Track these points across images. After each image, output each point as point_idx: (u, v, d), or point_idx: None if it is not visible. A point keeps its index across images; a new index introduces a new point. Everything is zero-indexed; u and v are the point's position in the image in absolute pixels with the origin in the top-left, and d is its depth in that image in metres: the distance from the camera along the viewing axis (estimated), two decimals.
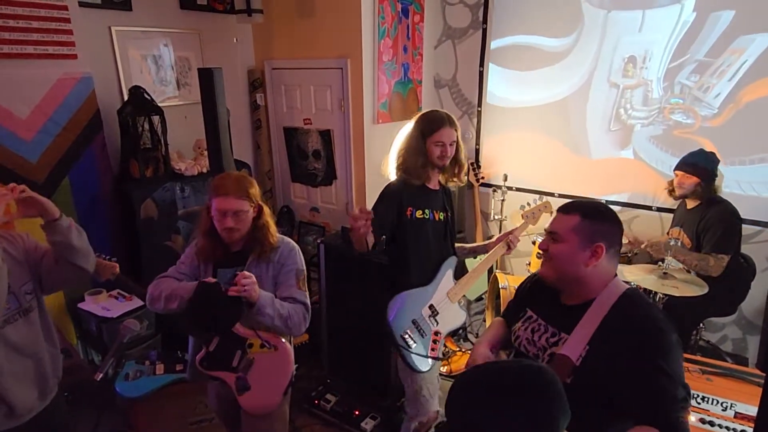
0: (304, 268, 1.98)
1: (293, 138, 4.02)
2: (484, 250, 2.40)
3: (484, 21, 3.85)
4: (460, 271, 2.37)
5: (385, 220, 2.15)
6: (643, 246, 3.14)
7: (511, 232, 2.33)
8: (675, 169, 2.90)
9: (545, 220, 2.22)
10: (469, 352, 3.39)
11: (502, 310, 3.18)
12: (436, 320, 2.17)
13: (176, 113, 3.41)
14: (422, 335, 2.14)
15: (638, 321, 1.33)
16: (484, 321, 3.66)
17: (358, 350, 3.09)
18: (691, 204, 2.91)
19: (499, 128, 4.05)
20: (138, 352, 2.75)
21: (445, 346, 2.89)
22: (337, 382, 3.15)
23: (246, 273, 1.78)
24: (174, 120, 3.29)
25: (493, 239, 2.38)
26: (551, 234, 1.45)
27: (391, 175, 2.31)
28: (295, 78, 3.85)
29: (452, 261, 2.29)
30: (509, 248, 2.31)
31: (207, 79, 2.62)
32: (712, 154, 2.86)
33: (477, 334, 3.63)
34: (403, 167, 2.23)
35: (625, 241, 3.32)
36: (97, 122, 2.90)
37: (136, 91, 3.03)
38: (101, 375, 1.69)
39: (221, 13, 3.66)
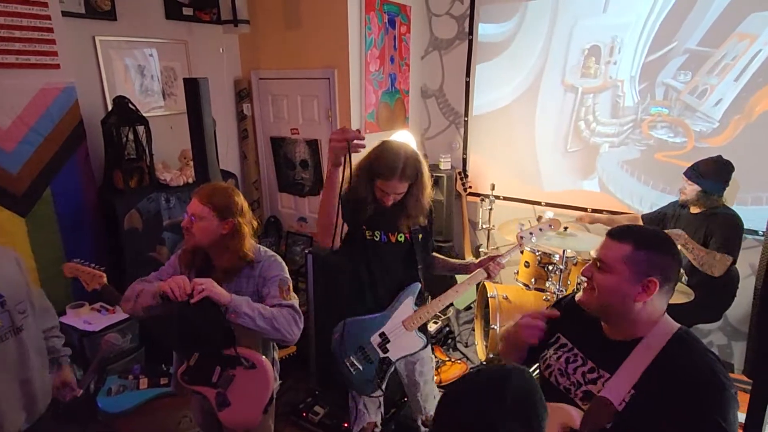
0: (288, 277, 1.92)
1: (280, 148, 4.01)
2: (465, 270, 2.22)
3: (470, 32, 3.88)
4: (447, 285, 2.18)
5: (349, 242, 2.04)
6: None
7: (494, 258, 2.14)
8: (683, 173, 2.86)
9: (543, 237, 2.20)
10: (459, 362, 3.39)
11: (491, 319, 3.19)
12: (386, 347, 2.09)
13: (162, 123, 3.38)
14: (369, 361, 2.09)
15: (695, 370, 1.18)
16: (473, 330, 3.65)
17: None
18: (695, 209, 2.87)
19: (484, 137, 4.08)
20: (121, 366, 2.69)
21: (434, 356, 2.87)
22: (326, 394, 3.11)
23: (198, 279, 1.72)
24: (159, 130, 3.26)
25: (475, 261, 2.20)
26: (597, 262, 1.29)
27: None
28: (282, 88, 3.84)
29: (413, 288, 2.10)
30: (489, 276, 2.12)
31: (193, 89, 2.60)
32: (728, 164, 2.75)
33: (466, 343, 3.61)
34: (351, 193, 2.00)
35: None
36: (80, 132, 2.86)
37: (121, 101, 3.00)
38: (81, 390, 1.65)
39: (207, 23, 3.65)
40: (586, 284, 1.32)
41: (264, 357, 1.88)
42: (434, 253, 2.31)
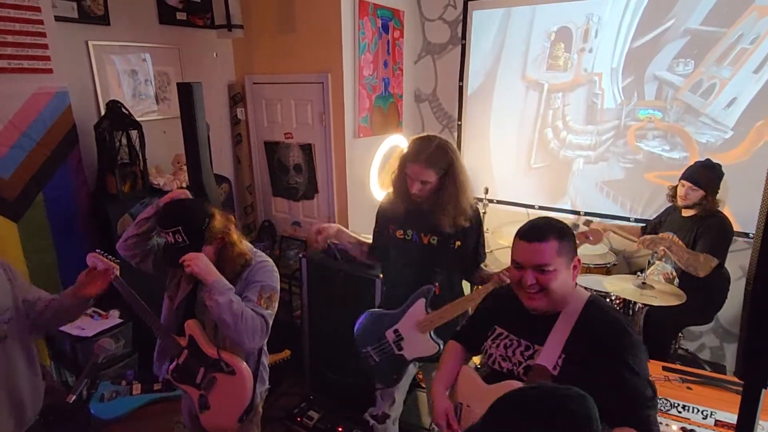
0: (275, 285, 1.88)
1: (274, 152, 4.01)
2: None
3: (463, 37, 3.91)
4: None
5: (378, 241, 2.19)
6: (638, 241, 2.99)
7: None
8: (682, 179, 2.84)
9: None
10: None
11: None
12: (401, 345, 2.11)
13: (155, 128, 3.37)
14: (386, 355, 2.13)
15: (606, 324, 1.40)
16: None
17: (341, 366, 3.05)
18: (687, 212, 2.89)
19: (478, 140, 4.10)
20: (114, 371, 2.67)
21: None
22: (320, 399, 3.11)
23: (189, 255, 1.73)
24: (153, 135, 3.25)
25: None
26: (538, 268, 1.38)
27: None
28: (275, 92, 3.85)
29: (425, 290, 2.09)
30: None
31: (186, 93, 2.60)
32: (719, 166, 2.78)
33: None
34: (392, 188, 2.12)
35: (607, 249, 3.36)
36: (73, 137, 2.85)
37: (114, 106, 2.99)
38: (73, 397, 1.63)
39: (201, 28, 3.65)
40: (532, 293, 1.42)
41: (245, 364, 1.85)
42: (482, 266, 2.25)
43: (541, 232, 1.40)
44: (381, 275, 2.48)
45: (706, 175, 2.77)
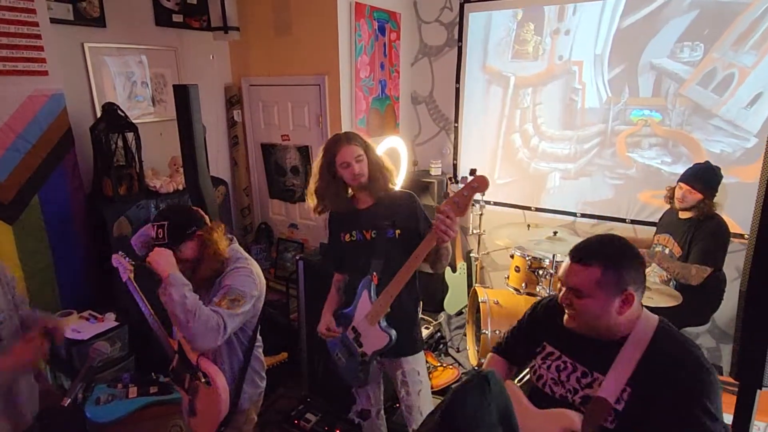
0: (244, 289, 1.79)
1: (271, 154, 4.00)
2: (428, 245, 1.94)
3: (459, 39, 3.91)
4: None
5: (334, 253, 2.24)
6: None
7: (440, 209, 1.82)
8: (680, 181, 2.81)
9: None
10: (451, 367, 3.38)
11: (482, 324, 3.20)
12: (360, 342, 2.13)
13: (151, 130, 3.37)
14: (350, 354, 2.15)
15: (682, 359, 1.24)
16: (465, 335, 3.65)
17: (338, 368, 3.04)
18: (684, 214, 2.87)
19: (474, 142, 4.10)
20: (110, 374, 2.66)
21: (426, 361, 2.85)
22: (318, 401, 3.10)
23: (157, 249, 1.74)
24: (149, 137, 3.25)
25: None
26: (573, 290, 1.29)
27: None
28: (272, 95, 3.84)
29: (365, 281, 2.08)
30: (439, 236, 1.79)
31: (183, 95, 2.60)
32: (718, 169, 2.75)
33: (458, 348, 3.62)
34: (322, 203, 2.13)
35: None
36: (69, 139, 2.84)
37: (110, 108, 2.99)
38: (68, 400, 1.62)
39: (197, 30, 3.65)
40: (567, 310, 1.34)
41: (222, 378, 1.81)
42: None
43: (587, 254, 1.28)
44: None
45: (704, 179, 2.74)
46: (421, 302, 2.31)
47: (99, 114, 3.06)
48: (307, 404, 3.06)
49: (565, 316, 1.35)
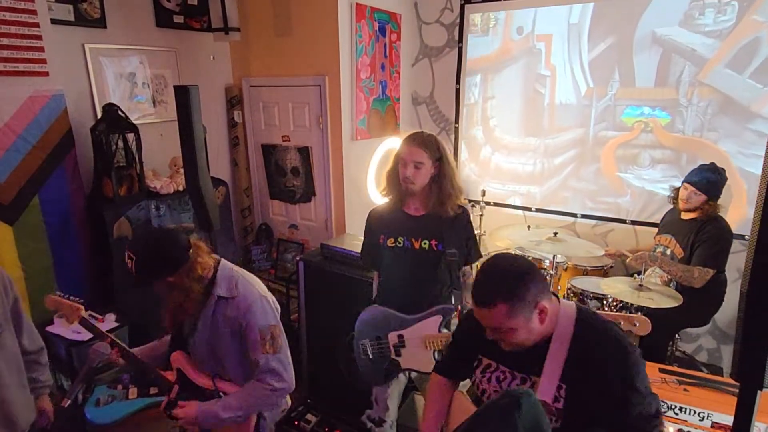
0: (271, 321, 1.75)
1: (271, 155, 4.00)
2: None
3: (460, 40, 3.91)
4: None
5: (370, 251, 2.21)
6: (628, 260, 2.97)
7: None
8: (685, 182, 2.79)
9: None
10: None
11: None
12: (399, 352, 2.09)
13: (152, 131, 3.37)
14: (381, 355, 2.11)
15: (603, 345, 1.31)
16: None
17: (339, 368, 3.04)
18: (687, 215, 2.86)
19: (474, 142, 4.10)
20: (110, 375, 2.66)
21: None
22: (318, 402, 3.09)
23: (178, 412, 1.74)
24: (149, 138, 3.25)
25: None
26: (495, 329, 1.31)
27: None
28: (273, 95, 3.85)
29: (446, 310, 2.06)
30: None
31: (183, 96, 2.60)
32: (723, 170, 2.74)
33: None
34: (387, 188, 2.15)
35: (601, 252, 3.36)
36: (69, 140, 2.84)
37: (110, 109, 2.99)
38: (69, 401, 1.63)
39: (198, 30, 3.65)
40: (500, 341, 1.35)
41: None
42: (465, 267, 2.24)
43: (488, 296, 1.29)
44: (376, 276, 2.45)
45: (710, 180, 2.73)
46: None
47: (99, 115, 3.06)
48: (306, 405, 3.06)
49: (500, 342, 1.37)
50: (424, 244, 2.09)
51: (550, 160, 2.37)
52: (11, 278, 1.79)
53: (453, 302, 2.09)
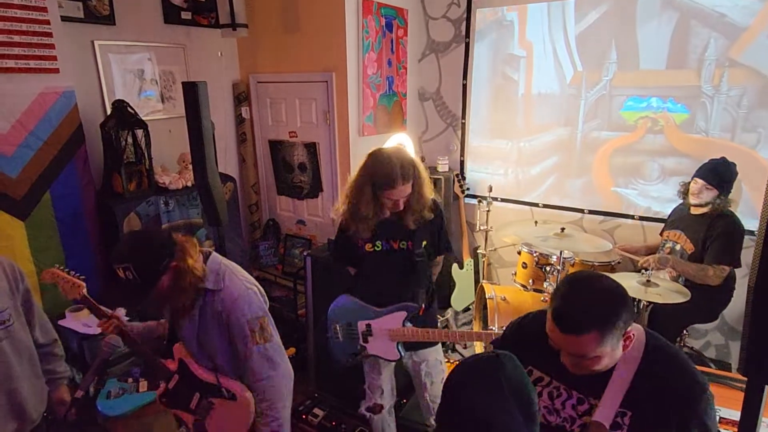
0: (258, 313, 1.72)
1: (279, 151, 4.02)
2: None
3: (467, 35, 3.90)
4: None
5: (345, 252, 2.28)
6: (641, 262, 2.86)
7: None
8: (696, 176, 2.75)
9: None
10: (457, 362, 3.38)
11: (489, 321, 3.20)
12: (367, 339, 2.21)
13: (160, 127, 3.40)
14: (351, 338, 2.23)
15: (674, 375, 1.22)
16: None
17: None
18: (697, 210, 2.82)
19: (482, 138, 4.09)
20: (121, 369, 2.69)
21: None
22: (325, 396, 3.12)
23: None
24: (158, 134, 3.27)
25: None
26: (577, 356, 1.20)
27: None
28: (280, 91, 3.86)
29: (411, 308, 2.14)
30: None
31: (191, 92, 2.61)
32: (734, 165, 2.67)
33: (465, 345, 3.62)
34: (351, 216, 2.11)
35: (609, 247, 3.35)
36: (80, 136, 2.87)
37: (120, 105, 3.02)
38: (82, 393, 1.65)
39: (206, 27, 3.66)
40: (577, 369, 1.25)
41: (245, 390, 1.79)
42: (438, 258, 2.37)
43: (578, 325, 1.16)
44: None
45: (721, 175, 2.70)
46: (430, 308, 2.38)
47: (109, 111, 3.09)
48: (314, 399, 3.08)
49: (572, 368, 1.26)
50: (402, 244, 2.17)
51: (525, 170, 1.89)
52: (23, 271, 1.81)
53: (418, 301, 2.17)
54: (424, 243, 2.18)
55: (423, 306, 2.19)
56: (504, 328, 1.62)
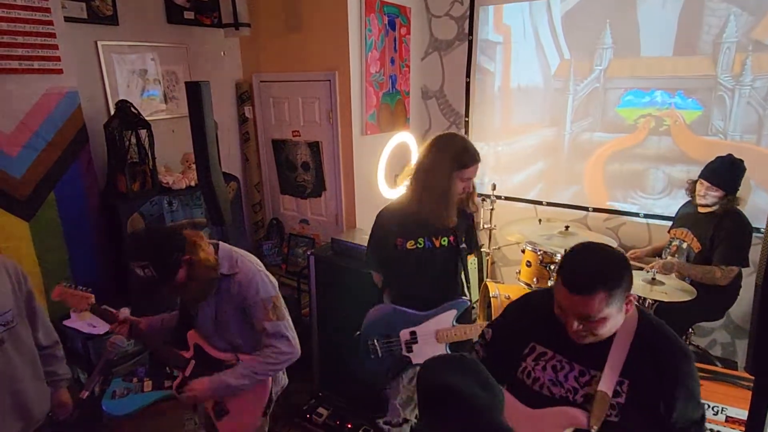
0: (271, 293, 1.85)
1: (282, 150, 4.02)
2: None
3: (470, 33, 3.89)
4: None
5: (380, 253, 2.19)
6: (646, 268, 2.75)
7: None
8: (701, 177, 2.73)
9: None
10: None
11: (493, 319, 3.19)
12: (411, 348, 2.10)
13: (164, 127, 3.40)
14: (390, 352, 2.12)
15: (667, 345, 1.33)
16: None
17: (349, 362, 3.06)
18: (704, 209, 2.80)
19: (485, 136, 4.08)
20: (125, 368, 2.70)
21: None
22: (329, 396, 3.12)
23: (191, 387, 1.80)
24: (161, 134, 3.28)
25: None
26: (584, 317, 1.27)
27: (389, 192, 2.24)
28: (283, 91, 3.86)
29: (461, 305, 2.08)
30: None
31: (194, 92, 2.61)
32: (741, 161, 2.63)
33: None
34: (428, 198, 2.03)
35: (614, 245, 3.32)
36: (83, 137, 2.88)
37: (123, 105, 3.02)
38: (87, 393, 1.66)
39: (208, 26, 3.67)
40: (578, 332, 1.31)
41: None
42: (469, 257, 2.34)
43: (588, 284, 1.25)
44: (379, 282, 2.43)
45: (726, 175, 2.66)
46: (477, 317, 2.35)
47: (112, 111, 3.09)
48: (318, 399, 3.09)
49: (575, 339, 1.34)
50: (443, 241, 2.11)
51: (504, 178, 1.74)
52: (26, 273, 1.82)
53: (470, 296, 2.13)
54: (464, 239, 2.16)
55: (471, 302, 2.14)
56: (503, 310, 1.66)
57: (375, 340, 2.13)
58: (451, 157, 1.98)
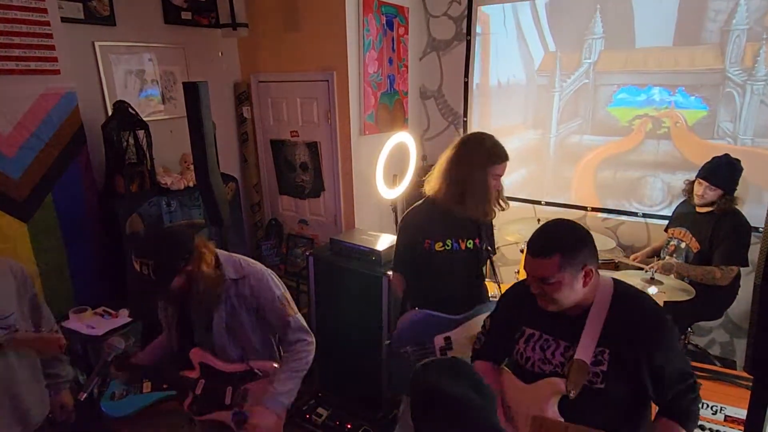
0: (281, 288, 1.88)
1: (280, 150, 4.02)
2: None
3: (468, 33, 3.89)
4: None
5: (407, 256, 2.16)
6: (645, 269, 2.71)
7: None
8: (699, 177, 2.73)
9: None
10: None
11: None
12: (446, 353, 2.05)
13: (162, 127, 3.39)
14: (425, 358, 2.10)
15: (640, 310, 1.43)
16: None
17: (349, 363, 3.06)
18: (703, 209, 2.80)
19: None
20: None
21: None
22: (329, 396, 3.12)
23: (250, 425, 1.73)
24: (159, 134, 3.27)
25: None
26: (540, 279, 1.42)
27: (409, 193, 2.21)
28: (281, 91, 3.85)
29: (490, 307, 2.03)
30: None
31: (192, 93, 2.61)
32: (738, 162, 2.65)
33: None
34: (464, 194, 2.01)
35: (613, 245, 3.32)
36: (81, 137, 2.87)
37: (121, 106, 3.01)
38: (85, 395, 1.65)
39: (206, 27, 3.66)
40: (540, 297, 1.46)
41: (273, 363, 1.87)
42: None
43: (545, 247, 1.41)
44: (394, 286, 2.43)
45: (724, 175, 2.67)
46: None
47: (110, 112, 3.09)
48: (317, 399, 3.09)
49: (539, 302, 1.48)
50: (469, 243, 2.12)
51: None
52: (30, 275, 1.82)
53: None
54: (485, 245, 2.16)
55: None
56: (497, 300, 1.76)
57: (408, 349, 2.06)
58: (485, 153, 2.00)
